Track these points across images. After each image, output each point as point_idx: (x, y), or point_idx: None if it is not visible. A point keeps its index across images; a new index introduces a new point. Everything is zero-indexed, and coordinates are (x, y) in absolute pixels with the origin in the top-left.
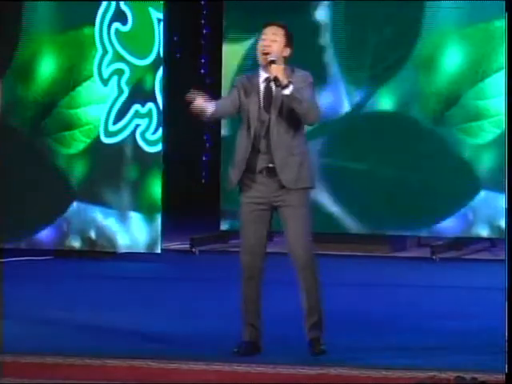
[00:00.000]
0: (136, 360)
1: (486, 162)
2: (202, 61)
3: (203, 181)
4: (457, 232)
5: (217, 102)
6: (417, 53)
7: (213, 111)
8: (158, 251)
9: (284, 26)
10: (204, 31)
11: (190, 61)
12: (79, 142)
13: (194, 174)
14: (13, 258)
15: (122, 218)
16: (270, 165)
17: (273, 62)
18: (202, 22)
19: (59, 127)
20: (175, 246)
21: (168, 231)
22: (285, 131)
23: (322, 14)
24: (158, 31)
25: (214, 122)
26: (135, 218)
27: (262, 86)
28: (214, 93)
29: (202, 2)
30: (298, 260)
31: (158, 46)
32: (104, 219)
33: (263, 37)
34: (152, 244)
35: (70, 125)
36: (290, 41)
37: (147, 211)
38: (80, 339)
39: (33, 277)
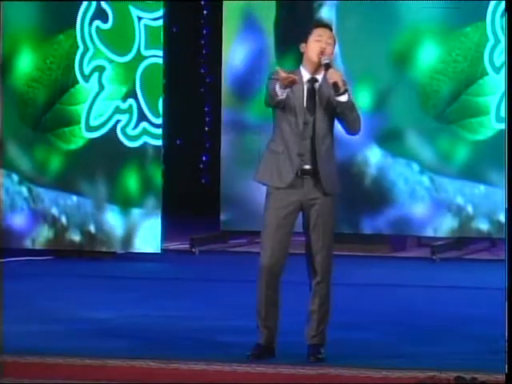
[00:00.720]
0: (136, 360)
1: (486, 158)
2: (202, 61)
3: (203, 181)
4: (457, 228)
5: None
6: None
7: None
8: (158, 251)
9: (332, 30)
10: (204, 31)
11: (190, 61)
12: (78, 138)
13: (194, 174)
14: (13, 258)
15: (99, 211)
16: (308, 167)
17: (328, 65)
18: (202, 22)
19: (59, 123)
20: (175, 246)
21: (168, 231)
22: (325, 135)
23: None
24: (139, 29)
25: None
26: (111, 210)
27: (305, 86)
28: (214, 93)
29: (202, 2)
30: (318, 272)
31: (138, 43)
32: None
33: (318, 38)
34: (127, 239)
35: (70, 121)
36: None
37: (123, 205)
38: (80, 339)
39: (33, 277)
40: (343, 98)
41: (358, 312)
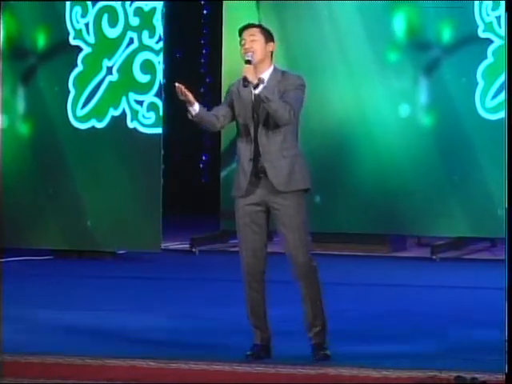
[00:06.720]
0: (136, 360)
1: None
2: (202, 61)
3: (203, 180)
4: (457, 231)
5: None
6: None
7: (196, 114)
8: (158, 251)
9: (258, 25)
10: (204, 31)
11: (190, 61)
12: None
13: (194, 174)
14: (13, 258)
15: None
16: (260, 166)
17: (248, 62)
18: (202, 21)
19: None
20: (175, 245)
21: (168, 231)
22: (274, 133)
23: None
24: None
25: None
26: (111, 210)
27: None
28: (214, 92)
29: (202, 2)
30: (299, 270)
31: None
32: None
33: (242, 42)
34: (127, 239)
35: None
36: (269, 36)
37: (123, 204)
38: (80, 339)
39: (33, 277)
40: (256, 91)
41: (357, 312)
